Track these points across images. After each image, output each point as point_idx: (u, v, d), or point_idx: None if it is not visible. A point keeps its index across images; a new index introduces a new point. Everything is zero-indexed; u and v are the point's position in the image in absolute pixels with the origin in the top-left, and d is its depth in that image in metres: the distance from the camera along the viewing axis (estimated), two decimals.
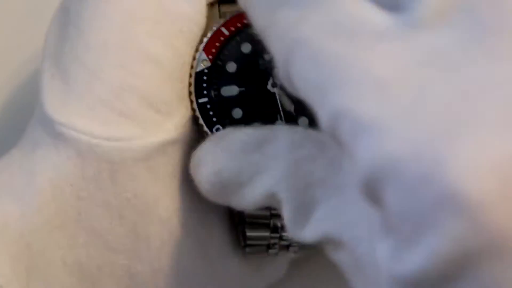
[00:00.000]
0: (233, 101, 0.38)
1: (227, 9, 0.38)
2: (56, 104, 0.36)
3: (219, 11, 0.38)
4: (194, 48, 0.37)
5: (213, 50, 0.37)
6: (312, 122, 0.37)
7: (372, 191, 0.27)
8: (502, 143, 0.25)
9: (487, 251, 0.25)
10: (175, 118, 0.37)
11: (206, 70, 0.37)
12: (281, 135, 0.34)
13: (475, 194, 0.24)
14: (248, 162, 0.34)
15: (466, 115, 0.25)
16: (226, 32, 0.37)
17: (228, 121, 0.37)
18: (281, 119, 0.37)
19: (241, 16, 0.37)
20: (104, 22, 0.36)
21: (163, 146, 0.36)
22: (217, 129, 0.37)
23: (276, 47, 0.30)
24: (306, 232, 0.32)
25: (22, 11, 0.49)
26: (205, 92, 0.37)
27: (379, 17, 0.28)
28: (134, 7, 0.36)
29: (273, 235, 0.39)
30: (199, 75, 0.37)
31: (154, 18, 0.37)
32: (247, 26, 0.37)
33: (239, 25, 0.37)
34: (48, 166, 0.36)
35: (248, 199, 0.34)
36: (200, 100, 0.37)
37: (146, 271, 0.38)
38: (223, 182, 0.35)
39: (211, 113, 0.37)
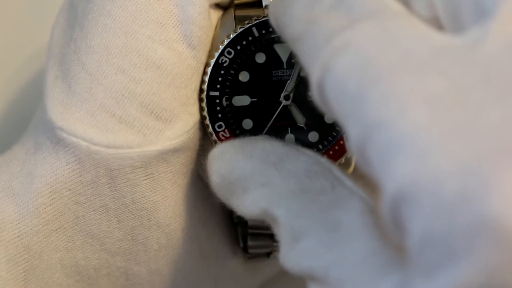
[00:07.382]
0: (244, 111, 0.37)
1: (242, 13, 0.37)
2: (58, 107, 0.36)
3: (234, 15, 0.36)
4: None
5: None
6: (323, 138, 0.37)
7: (398, 212, 0.25)
8: None
9: None
10: (177, 124, 0.36)
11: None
12: (302, 159, 0.33)
13: None
14: (261, 171, 0.33)
15: None
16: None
17: (238, 131, 0.37)
18: (291, 132, 0.37)
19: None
20: (108, 24, 0.36)
21: (163, 154, 0.36)
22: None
23: (312, 52, 0.28)
24: (289, 260, 0.31)
25: (22, 11, 0.48)
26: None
27: (437, 35, 0.27)
28: (138, 10, 0.36)
29: (275, 243, 0.39)
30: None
31: (158, 21, 0.36)
32: (263, 35, 0.36)
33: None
34: (47, 170, 0.36)
35: (247, 207, 0.33)
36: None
37: (143, 272, 0.38)
38: (232, 181, 0.34)
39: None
